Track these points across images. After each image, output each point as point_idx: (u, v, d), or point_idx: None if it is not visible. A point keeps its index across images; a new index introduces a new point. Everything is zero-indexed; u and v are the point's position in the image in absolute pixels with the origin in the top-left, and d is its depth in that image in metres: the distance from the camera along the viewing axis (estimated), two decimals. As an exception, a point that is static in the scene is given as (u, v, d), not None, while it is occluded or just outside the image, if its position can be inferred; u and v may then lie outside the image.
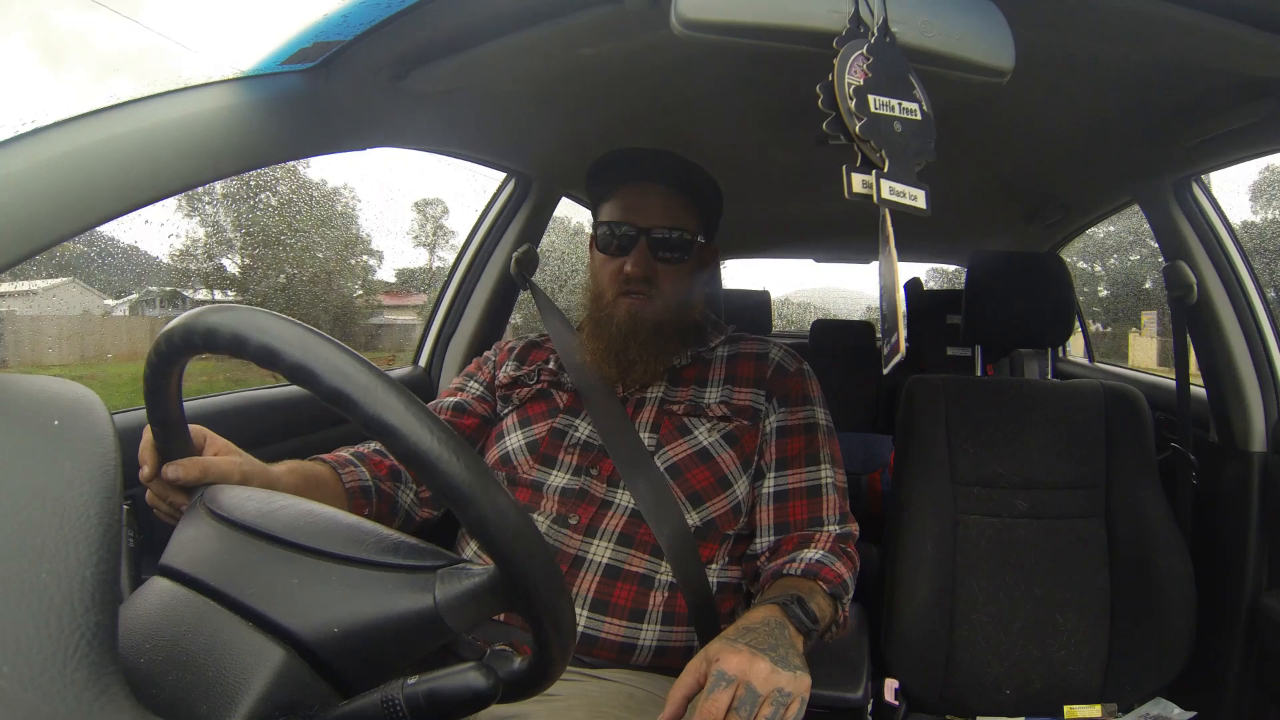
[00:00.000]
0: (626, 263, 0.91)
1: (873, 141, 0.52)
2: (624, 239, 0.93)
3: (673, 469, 0.89)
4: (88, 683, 0.25)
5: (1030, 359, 2.33)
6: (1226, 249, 1.21)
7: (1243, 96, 0.84)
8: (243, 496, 0.47)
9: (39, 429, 0.30)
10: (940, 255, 2.69)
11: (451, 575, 0.39)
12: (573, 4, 0.64)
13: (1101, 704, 1.14)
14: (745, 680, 0.65)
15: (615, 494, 0.88)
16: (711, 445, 0.90)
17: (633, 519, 0.86)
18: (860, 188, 0.52)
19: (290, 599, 0.39)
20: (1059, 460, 1.21)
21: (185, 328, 0.40)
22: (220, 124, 0.64)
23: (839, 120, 0.52)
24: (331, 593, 0.39)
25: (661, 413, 0.93)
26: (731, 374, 0.97)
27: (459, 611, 0.39)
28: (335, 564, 0.40)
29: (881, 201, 0.52)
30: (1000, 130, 1.11)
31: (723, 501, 0.89)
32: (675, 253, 0.93)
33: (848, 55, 0.52)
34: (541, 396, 0.97)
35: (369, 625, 0.38)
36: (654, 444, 0.90)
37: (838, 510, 0.91)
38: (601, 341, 0.92)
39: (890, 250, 0.52)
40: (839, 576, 0.86)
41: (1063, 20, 0.64)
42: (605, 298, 0.94)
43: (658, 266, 0.92)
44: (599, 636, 0.83)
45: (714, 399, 0.94)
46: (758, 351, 0.99)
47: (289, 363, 0.36)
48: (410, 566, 0.40)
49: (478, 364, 1.06)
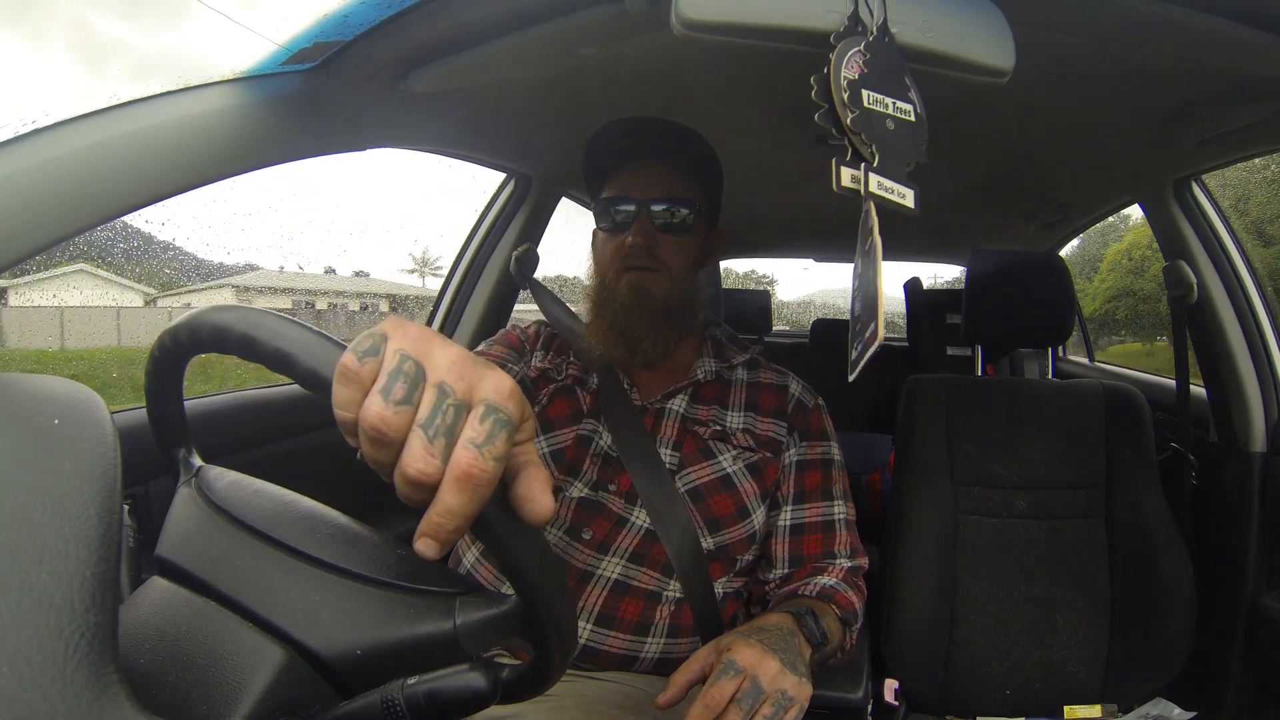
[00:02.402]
0: (628, 236, 0.88)
1: (864, 135, 0.52)
2: (624, 214, 0.89)
3: (694, 492, 0.87)
4: (88, 683, 0.25)
5: (1030, 359, 2.33)
6: (1226, 249, 1.21)
7: (1243, 96, 0.84)
8: (248, 491, 0.46)
9: (39, 429, 0.30)
10: (940, 255, 2.69)
11: (472, 604, 0.40)
12: (573, 4, 0.64)
13: (1101, 704, 1.14)
14: (753, 674, 0.66)
15: (632, 511, 0.86)
16: (735, 474, 0.89)
17: (647, 538, 0.85)
18: (849, 182, 0.52)
19: (311, 616, 0.39)
20: (1059, 460, 1.21)
21: (191, 326, 0.40)
22: (220, 124, 0.64)
23: (831, 112, 0.52)
24: (356, 615, 0.39)
25: (684, 431, 0.90)
26: (753, 402, 0.95)
27: (476, 637, 0.39)
28: (358, 584, 0.40)
29: (869, 195, 0.52)
30: (1000, 130, 1.11)
31: (740, 530, 0.88)
32: (677, 221, 0.89)
33: (845, 50, 0.52)
34: (564, 393, 0.93)
35: (390, 648, 0.39)
36: (675, 463, 0.88)
37: (848, 545, 0.91)
38: (605, 320, 0.89)
39: (873, 246, 0.52)
40: (851, 604, 0.87)
41: (1063, 20, 0.64)
42: (608, 277, 0.90)
43: (660, 237, 0.89)
44: (602, 649, 0.82)
45: (737, 425, 0.92)
46: (778, 383, 0.97)
47: (304, 369, 0.35)
48: (432, 592, 0.40)
49: (515, 343, 1.00)
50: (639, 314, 0.87)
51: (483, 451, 0.31)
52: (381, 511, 1.18)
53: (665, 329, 0.88)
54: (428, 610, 0.39)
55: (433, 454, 0.30)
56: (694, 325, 0.95)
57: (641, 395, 0.92)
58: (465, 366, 0.33)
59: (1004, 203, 1.70)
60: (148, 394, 0.47)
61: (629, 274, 0.88)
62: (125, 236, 2.48)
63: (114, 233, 1.82)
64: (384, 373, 0.32)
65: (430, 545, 0.32)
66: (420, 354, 0.32)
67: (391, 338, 0.33)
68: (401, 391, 0.31)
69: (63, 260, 3.80)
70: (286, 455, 1.09)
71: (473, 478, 0.30)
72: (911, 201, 0.53)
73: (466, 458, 0.30)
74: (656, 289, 0.88)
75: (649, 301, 0.87)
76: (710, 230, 0.97)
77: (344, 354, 0.32)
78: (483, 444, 0.31)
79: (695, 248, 0.92)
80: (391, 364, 0.32)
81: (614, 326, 0.88)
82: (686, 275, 0.91)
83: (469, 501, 0.31)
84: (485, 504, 0.32)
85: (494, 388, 0.32)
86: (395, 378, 0.31)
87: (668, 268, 0.89)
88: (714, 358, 0.96)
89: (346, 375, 0.32)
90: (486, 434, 0.31)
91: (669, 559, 0.84)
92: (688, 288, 0.91)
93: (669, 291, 0.89)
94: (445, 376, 0.32)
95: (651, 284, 0.88)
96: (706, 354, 0.96)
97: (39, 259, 0.52)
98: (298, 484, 0.48)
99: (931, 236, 2.23)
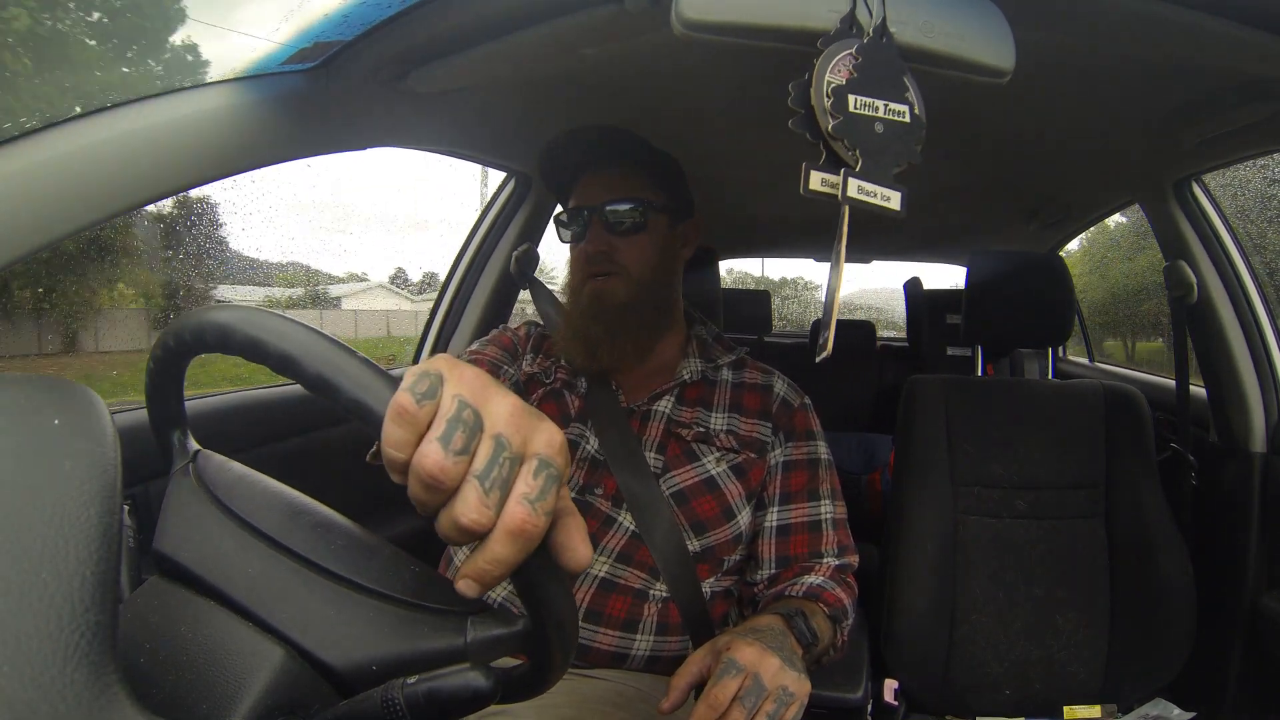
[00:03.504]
0: (586, 245, 0.90)
1: (845, 141, 0.52)
2: (579, 223, 0.92)
3: (678, 495, 0.87)
4: (88, 682, 0.25)
5: (1030, 359, 2.33)
6: (1226, 249, 1.21)
7: (1243, 96, 0.84)
8: (255, 490, 0.46)
9: (39, 429, 0.30)
10: (940, 255, 2.69)
11: (484, 623, 0.40)
12: (573, 4, 0.64)
13: (1101, 704, 1.14)
14: (755, 672, 0.66)
15: (618, 513, 0.87)
16: (719, 475, 0.89)
17: (633, 539, 0.85)
18: (819, 185, 0.52)
19: (326, 630, 0.39)
20: (1059, 461, 1.21)
21: (196, 326, 0.39)
22: (220, 124, 0.64)
23: (807, 118, 0.52)
24: (370, 632, 0.39)
25: (668, 434, 0.91)
26: (737, 403, 0.95)
27: (484, 653, 0.40)
28: (371, 599, 0.40)
29: (845, 199, 0.52)
30: (1000, 130, 1.11)
31: (725, 531, 0.88)
32: (630, 223, 0.90)
33: (833, 54, 0.52)
34: (553, 397, 0.94)
35: (401, 662, 0.39)
36: (660, 466, 0.89)
37: (836, 544, 0.91)
38: (570, 326, 0.91)
39: (837, 254, 0.52)
40: (839, 601, 0.87)
41: (1063, 20, 0.64)
42: (575, 285, 0.93)
43: (614, 240, 0.90)
44: (592, 646, 0.83)
45: (720, 427, 0.92)
46: (762, 383, 0.97)
47: (311, 373, 0.35)
48: (445, 611, 0.40)
49: (508, 345, 1.01)
50: (595, 319, 0.89)
51: (535, 507, 0.31)
52: (382, 511, 1.19)
53: (625, 331, 0.89)
54: (441, 628, 0.40)
55: (488, 505, 0.30)
56: (667, 323, 0.95)
57: (628, 398, 0.93)
58: (521, 418, 0.33)
59: (1004, 203, 1.70)
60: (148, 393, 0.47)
61: (591, 281, 0.90)
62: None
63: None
64: (443, 419, 0.31)
65: (472, 587, 0.32)
66: (479, 402, 0.32)
67: (449, 381, 0.32)
68: (461, 441, 0.31)
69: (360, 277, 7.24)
70: (287, 455, 1.09)
71: (525, 533, 0.31)
72: (897, 204, 0.53)
73: (521, 513, 0.31)
74: (615, 293, 0.89)
75: (606, 306, 0.89)
76: (676, 224, 0.97)
77: (399, 393, 0.31)
78: (536, 500, 0.31)
79: (655, 245, 0.93)
80: (450, 410, 0.31)
81: (576, 333, 0.90)
82: (650, 274, 0.91)
83: (518, 553, 0.31)
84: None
85: (547, 441, 0.33)
86: (455, 426, 0.31)
87: (626, 270, 0.90)
88: (699, 358, 0.96)
89: (403, 417, 0.31)
90: (540, 490, 0.31)
91: (656, 564, 0.84)
92: (652, 287, 0.92)
93: (629, 294, 0.89)
94: (503, 429, 0.32)
95: (610, 289, 0.89)
96: (692, 354, 0.96)
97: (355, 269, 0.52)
98: (297, 484, 0.48)
99: (931, 236, 2.23)
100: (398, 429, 0.31)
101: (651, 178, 0.93)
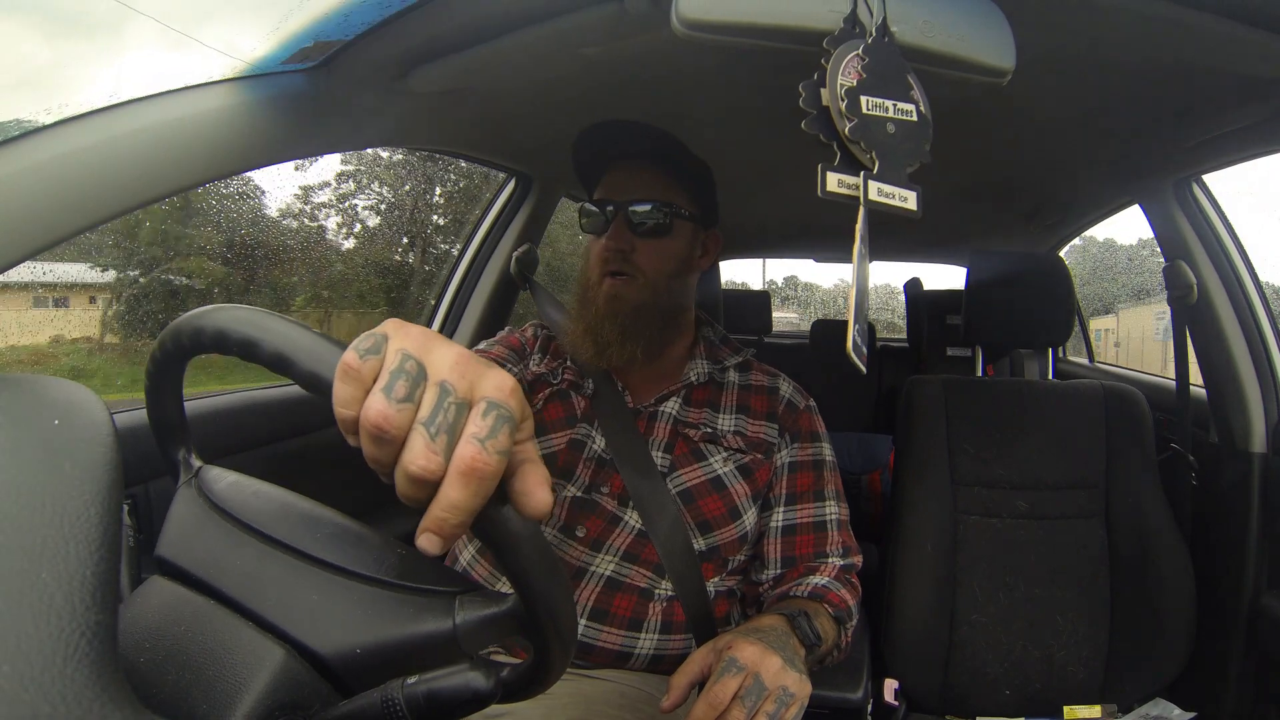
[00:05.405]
0: (607, 240, 0.88)
1: (862, 143, 0.52)
2: (604, 215, 0.89)
3: (685, 494, 0.87)
4: (88, 682, 0.25)
5: (1030, 359, 2.33)
6: (1226, 249, 1.21)
7: (1243, 96, 0.84)
8: (247, 491, 0.46)
9: (39, 429, 0.30)
10: (940, 255, 2.69)
11: (471, 602, 0.40)
12: (573, 4, 0.64)
13: (1101, 704, 1.14)
14: (755, 671, 0.66)
15: (625, 512, 0.86)
16: (726, 475, 0.89)
17: (640, 538, 0.85)
18: (836, 187, 0.52)
19: (311, 616, 0.39)
20: (1059, 461, 1.21)
21: (194, 326, 0.40)
22: (220, 124, 0.64)
23: (820, 120, 0.52)
24: (355, 614, 0.39)
25: (675, 434, 0.90)
26: (744, 404, 0.95)
27: (475, 636, 0.39)
28: (358, 583, 0.40)
29: (868, 203, 0.52)
30: (1001, 130, 1.11)
31: (731, 531, 0.88)
32: (654, 225, 0.88)
33: (842, 56, 0.52)
34: (559, 397, 0.93)
35: (390, 647, 0.39)
36: (666, 465, 0.89)
37: (840, 544, 0.91)
38: (582, 322, 0.89)
39: (865, 251, 0.52)
40: (844, 601, 0.88)
41: (1063, 20, 0.64)
42: (591, 280, 0.90)
43: (636, 241, 0.88)
44: (596, 645, 0.83)
45: (728, 428, 0.92)
46: (768, 385, 0.97)
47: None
48: (432, 591, 0.40)
49: (515, 345, 0.99)
50: (609, 320, 0.87)
51: (485, 445, 0.31)
52: (382, 511, 1.19)
53: (636, 334, 0.87)
54: (427, 609, 0.39)
55: (435, 451, 0.30)
56: (677, 330, 0.95)
57: (635, 398, 0.93)
58: (466, 365, 0.33)
59: (1004, 203, 1.70)
60: (148, 394, 0.47)
61: (608, 280, 0.88)
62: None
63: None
64: (385, 371, 0.32)
65: (433, 541, 0.32)
66: (421, 353, 0.32)
67: (392, 338, 0.33)
68: (403, 389, 0.31)
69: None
70: (286, 455, 1.09)
71: (476, 471, 0.30)
72: (914, 204, 0.53)
73: (470, 451, 0.31)
74: (630, 296, 0.88)
75: (620, 308, 0.87)
76: (700, 233, 0.96)
77: (345, 352, 0.32)
78: (485, 438, 0.31)
79: (676, 251, 0.91)
80: (393, 363, 0.32)
81: (587, 330, 0.88)
82: (667, 280, 0.90)
83: (472, 496, 0.31)
84: (487, 500, 0.32)
85: (495, 385, 0.33)
86: (397, 376, 0.31)
87: (643, 273, 0.88)
88: (706, 359, 0.96)
89: (348, 373, 0.32)
90: (489, 429, 0.31)
91: (661, 562, 0.84)
92: (667, 293, 0.90)
93: (643, 298, 0.88)
94: (447, 375, 0.32)
95: (626, 291, 0.88)
96: (699, 356, 0.96)
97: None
98: (298, 484, 0.48)
99: (931, 236, 2.23)
100: (345, 386, 0.32)
101: (682, 182, 0.92)
